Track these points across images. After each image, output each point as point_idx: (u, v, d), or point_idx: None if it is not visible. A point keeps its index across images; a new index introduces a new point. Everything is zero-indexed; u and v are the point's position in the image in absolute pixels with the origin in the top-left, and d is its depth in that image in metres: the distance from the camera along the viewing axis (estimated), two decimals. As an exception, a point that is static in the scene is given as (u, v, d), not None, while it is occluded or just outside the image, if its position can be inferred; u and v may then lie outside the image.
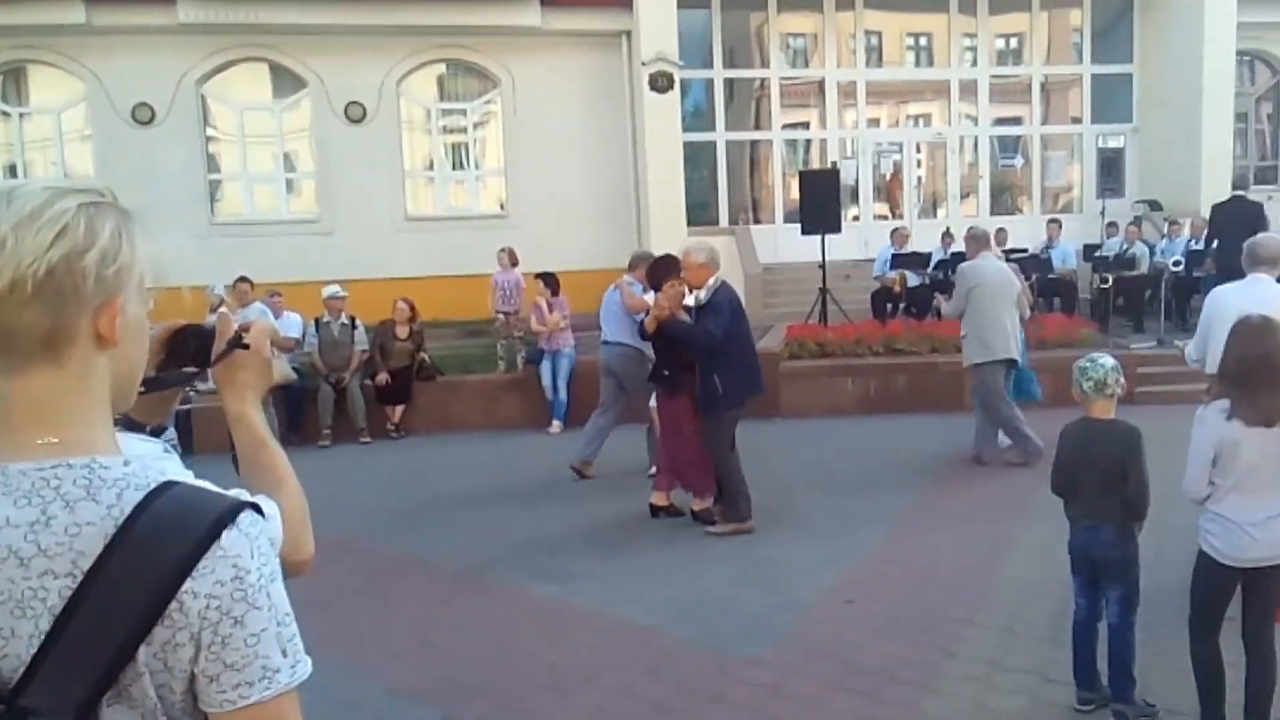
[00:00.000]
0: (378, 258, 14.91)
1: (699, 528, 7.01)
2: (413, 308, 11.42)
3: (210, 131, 15.67)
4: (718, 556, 6.43)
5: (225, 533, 1.10)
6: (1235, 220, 11.87)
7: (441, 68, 16.31)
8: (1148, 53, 17.61)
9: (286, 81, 15.66)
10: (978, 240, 8.95)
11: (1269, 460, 3.47)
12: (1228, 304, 5.30)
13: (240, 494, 1.19)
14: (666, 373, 7.12)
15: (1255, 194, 15.59)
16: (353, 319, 11.27)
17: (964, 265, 8.83)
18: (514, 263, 12.53)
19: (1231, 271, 11.14)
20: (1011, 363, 8.48)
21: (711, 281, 7.00)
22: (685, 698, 4.44)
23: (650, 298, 8.09)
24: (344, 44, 15.23)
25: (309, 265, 13.99)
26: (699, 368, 6.88)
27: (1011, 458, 8.39)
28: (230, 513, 1.12)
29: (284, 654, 1.13)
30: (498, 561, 6.55)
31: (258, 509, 1.17)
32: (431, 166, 16.59)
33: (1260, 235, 5.81)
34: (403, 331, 11.29)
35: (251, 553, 1.12)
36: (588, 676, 4.69)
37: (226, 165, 15.96)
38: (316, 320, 11.27)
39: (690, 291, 7.02)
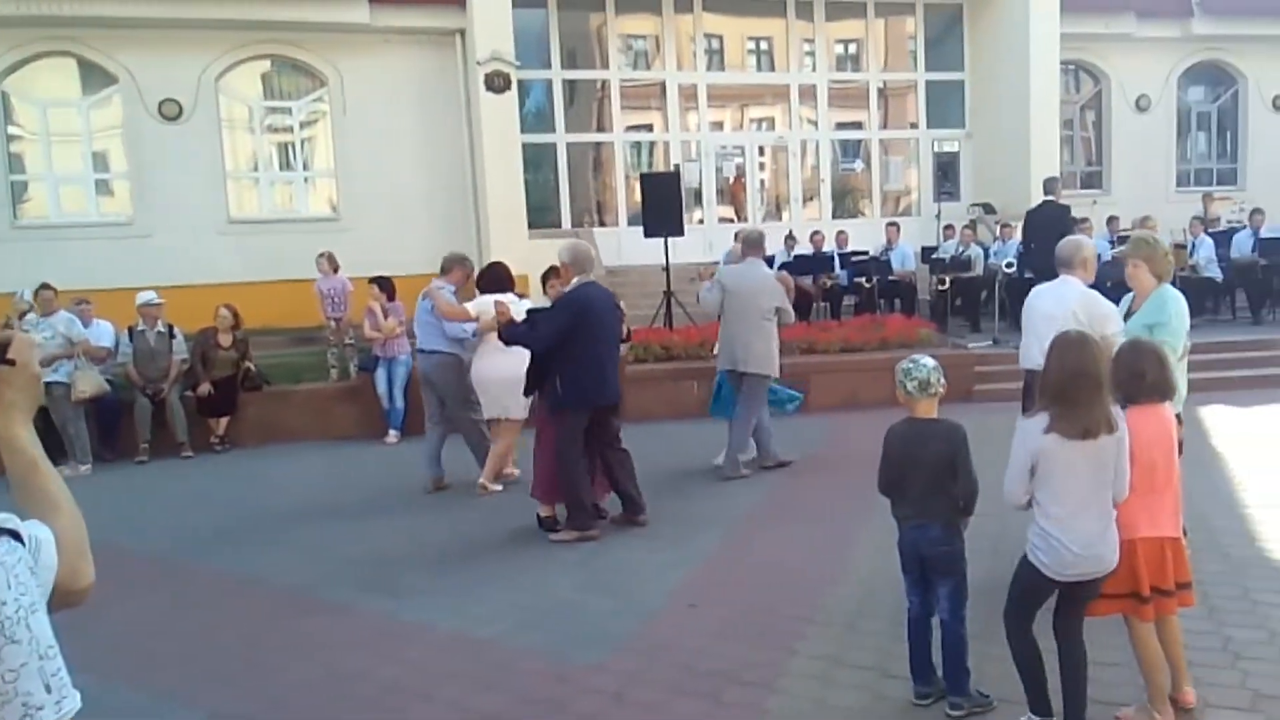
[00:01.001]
0: (198, 262, 14.24)
1: (541, 536, 6.83)
2: (235, 314, 10.88)
3: (12, 130, 14.69)
4: (559, 564, 6.25)
5: None
6: (1045, 223, 12.46)
7: (265, 64, 15.69)
8: (977, 61, 18.35)
9: (95, 77, 14.80)
10: (748, 243, 8.50)
11: (1086, 473, 3.53)
12: (1039, 302, 5.80)
13: (7, 520, 1.12)
14: (531, 379, 7.03)
15: (1081, 197, 16.47)
16: (170, 327, 10.68)
17: (724, 267, 8.70)
18: (335, 268, 12.17)
19: (1042, 272, 11.80)
20: (747, 375, 8.19)
21: (575, 281, 6.93)
22: (524, 709, 4.27)
23: (475, 305, 8.02)
24: (156, 38, 14.48)
25: (122, 270, 13.24)
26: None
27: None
28: None
29: (48, 689, 1.05)
30: (328, 578, 6.22)
31: (16, 536, 1.10)
32: (256, 167, 15.93)
33: (1063, 240, 6.10)
34: (225, 339, 10.76)
35: (7, 583, 1.04)
36: (422, 693, 4.48)
37: (30, 165, 14.96)
38: (130, 329, 10.64)
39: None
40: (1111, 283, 6.03)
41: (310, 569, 6.44)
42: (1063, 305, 5.52)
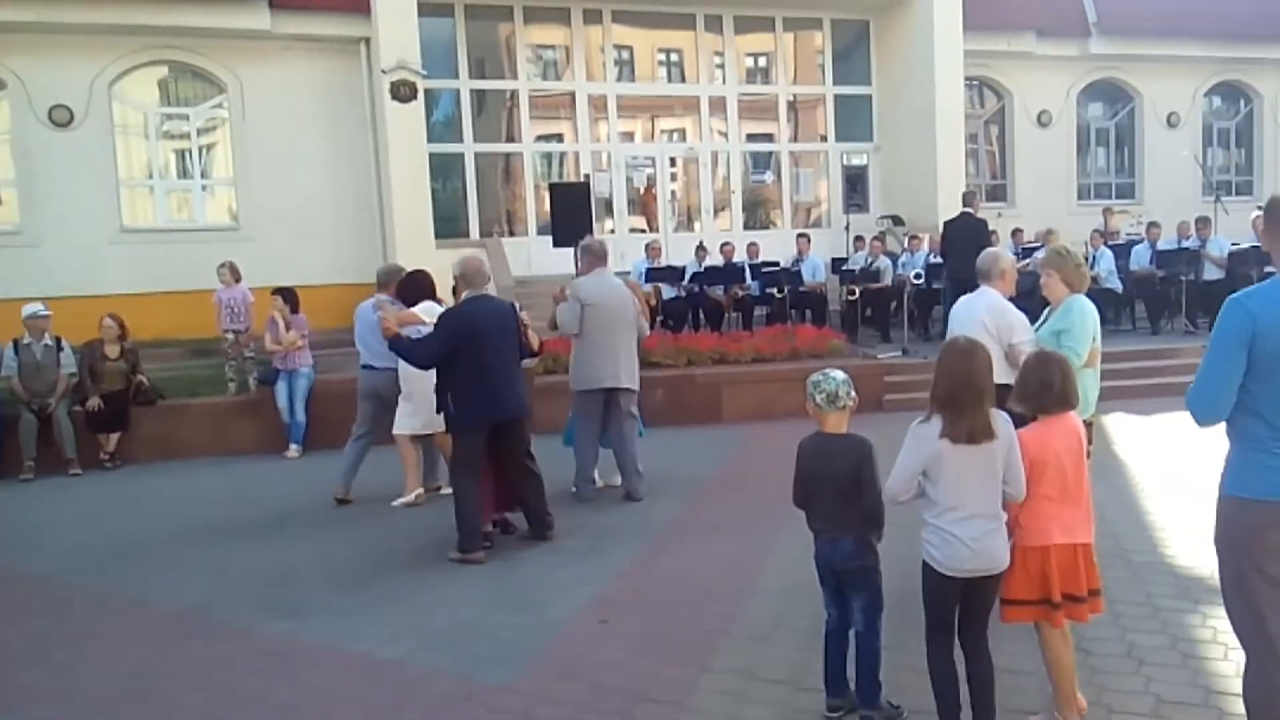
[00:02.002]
0: (88, 273, 13.79)
1: (444, 554, 6.60)
2: (122, 324, 10.44)
3: (-106, 136, 14.05)
4: (467, 582, 6.08)
5: None
6: (963, 234, 12.69)
7: (162, 70, 15.25)
8: (884, 76, 18.65)
9: (-19, 82, 14.22)
10: (592, 254, 8.12)
11: (976, 475, 3.57)
12: (956, 311, 5.93)
13: None
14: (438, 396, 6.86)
15: (987, 210, 16.81)
16: (58, 340, 10.24)
17: (577, 281, 8.27)
18: (237, 278, 11.84)
19: (960, 282, 12.03)
20: (620, 391, 7.87)
21: (464, 295, 6.77)
22: (428, 734, 4.10)
23: (424, 311, 7.78)
24: (47, 42, 14.01)
25: (8, 281, 12.83)
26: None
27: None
28: None
29: None
30: (224, 599, 5.97)
31: None
32: (151, 175, 15.41)
33: (981, 253, 6.18)
34: (113, 351, 10.33)
35: None
36: (321, 717, 4.28)
37: (-87, 173, 14.32)
38: (15, 342, 10.17)
39: None
40: (1019, 293, 6.13)
41: (204, 590, 6.17)
42: (973, 315, 5.62)
